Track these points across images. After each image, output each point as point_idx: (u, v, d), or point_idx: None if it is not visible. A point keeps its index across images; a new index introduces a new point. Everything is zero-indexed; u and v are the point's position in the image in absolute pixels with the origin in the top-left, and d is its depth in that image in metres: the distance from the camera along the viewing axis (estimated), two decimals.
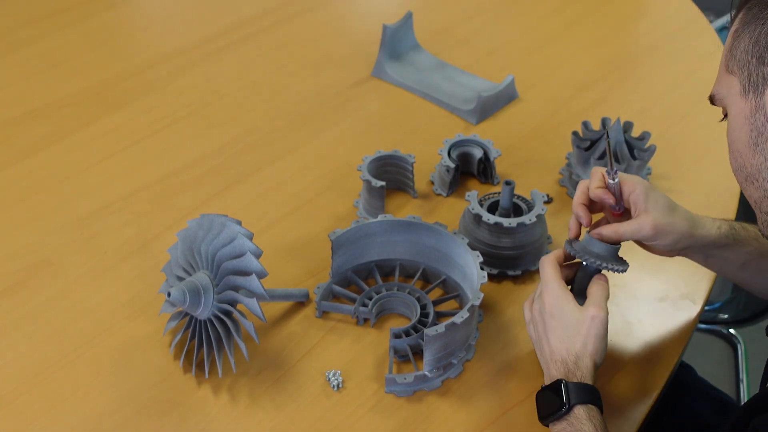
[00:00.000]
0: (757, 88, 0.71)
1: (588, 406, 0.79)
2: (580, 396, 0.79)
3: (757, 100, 0.71)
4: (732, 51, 0.74)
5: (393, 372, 0.91)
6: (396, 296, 0.99)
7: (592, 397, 0.80)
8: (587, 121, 1.17)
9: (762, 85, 0.70)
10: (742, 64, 0.72)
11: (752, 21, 0.71)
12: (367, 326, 0.97)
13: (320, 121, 1.33)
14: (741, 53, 0.72)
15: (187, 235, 0.90)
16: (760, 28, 0.70)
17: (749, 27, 0.71)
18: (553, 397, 0.80)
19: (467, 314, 0.88)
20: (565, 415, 0.78)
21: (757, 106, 0.71)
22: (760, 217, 0.75)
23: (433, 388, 0.90)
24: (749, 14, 0.72)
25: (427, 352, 0.88)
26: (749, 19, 0.72)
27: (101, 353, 0.93)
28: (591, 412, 0.78)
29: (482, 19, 1.64)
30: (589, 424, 0.77)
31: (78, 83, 1.40)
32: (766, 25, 0.70)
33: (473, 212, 1.02)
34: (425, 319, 0.95)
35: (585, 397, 0.79)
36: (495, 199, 1.07)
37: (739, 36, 0.73)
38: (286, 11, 1.63)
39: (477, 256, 0.94)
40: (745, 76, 0.72)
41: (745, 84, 0.72)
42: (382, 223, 1.00)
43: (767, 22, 0.69)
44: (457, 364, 0.92)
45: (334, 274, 1.01)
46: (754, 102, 0.71)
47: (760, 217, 0.75)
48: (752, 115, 0.71)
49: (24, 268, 1.04)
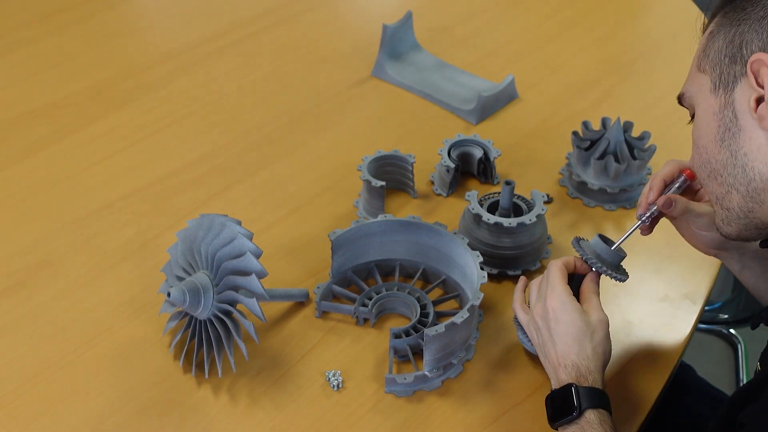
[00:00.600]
0: (728, 85, 0.72)
1: (599, 410, 0.79)
2: (591, 400, 0.79)
3: (726, 97, 0.72)
4: (706, 51, 0.75)
5: (393, 372, 0.91)
6: (396, 296, 0.99)
7: (603, 402, 0.80)
8: (587, 121, 1.17)
9: (732, 83, 0.72)
10: (715, 63, 0.74)
11: (728, 23, 0.73)
12: (367, 326, 0.97)
13: (320, 121, 1.33)
14: (714, 53, 0.74)
15: (187, 235, 0.90)
16: (735, 29, 0.72)
17: (724, 29, 0.73)
18: (564, 401, 0.80)
19: (467, 314, 0.88)
20: (576, 420, 0.79)
21: (726, 102, 0.72)
22: (720, 213, 0.77)
23: (433, 389, 0.90)
24: (725, 18, 0.74)
25: (427, 352, 0.88)
26: (725, 21, 0.74)
27: (101, 353, 0.93)
28: (602, 416, 0.79)
29: (482, 19, 1.64)
30: (600, 428, 0.78)
31: (78, 83, 1.40)
32: (741, 27, 0.71)
33: (473, 212, 1.02)
34: (425, 319, 0.95)
35: (596, 401, 0.79)
36: (495, 199, 1.07)
37: (714, 37, 0.75)
38: (286, 11, 1.63)
39: (477, 256, 0.94)
40: (717, 74, 0.73)
41: (716, 81, 0.73)
42: (381, 223, 1.00)
43: (742, 24, 0.71)
44: (457, 364, 0.92)
45: (334, 274, 1.01)
46: (723, 99, 0.73)
47: (720, 213, 0.77)
48: (720, 111, 0.73)
49: (24, 268, 1.04)
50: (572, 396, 0.80)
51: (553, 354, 0.85)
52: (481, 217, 1.01)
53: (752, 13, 0.71)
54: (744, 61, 0.71)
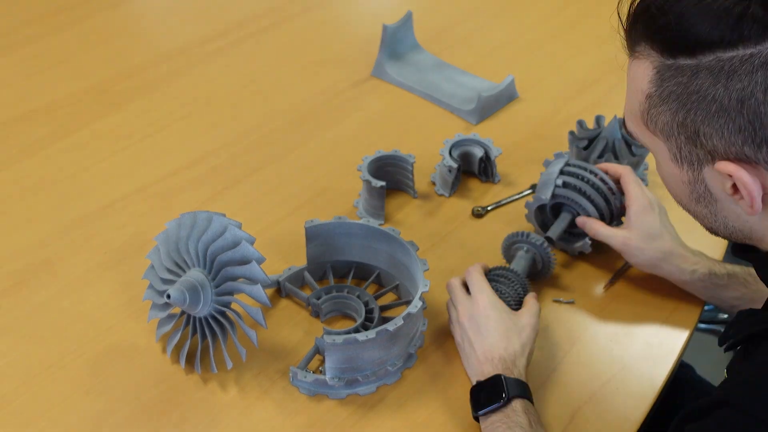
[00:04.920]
0: (692, 164, 0.66)
1: (524, 399, 0.83)
2: (517, 390, 0.83)
3: (694, 174, 0.67)
4: (649, 114, 0.66)
5: (307, 368, 0.90)
6: (346, 298, 0.98)
7: (526, 392, 0.84)
8: (582, 120, 1.18)
9: (697, 163, 0.65)
10: (667, 134, 0.66)
11: (673, 99, 0.63)
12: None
13: (320, 121, 1.33)
14: (663, 124, 0.66)
15: (168, 236, 0.89)
16: (684, 111, 0.63)
17: (668, 104, 0.64)
18: (491, 391, 0.84)
19: (373, 335, 0.85)
20: (502, 408, 0.82)
21: (695, 179, 0.67)
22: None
23: (337, 397, 0.89)
24: (665, 85, 0.64)
25: (327, 358, 0.87)
26: (666, 94, 0.64)
27: (101, 353, 0.93)
28: (526, 405, 0.83)
29: (482, 19, 1.64)
30: (524, 416, 0.81)
31: (78, 83, 1.39)
32: (692, 113, 0.62)
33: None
34: (369, 324, 0.94)
35: (521, 391, 0.83)
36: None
37: (655, 105, 0.65)
38: (286, 11, 1.63)
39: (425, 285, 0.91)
40: (674, 147, 0.66)
41: (675, 154, 0.67)
42: (361, 226, 0.99)
43: (693, 110, 0.62)
44: (393, 372, 0.91)
45: (310, 262, 1.01)
46: (691, 174, 0.67)
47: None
48: (691, 183, 0.68)
49: (24, 268, 1.04)
50: (501, 384, 0.83)
51: (480, 350, 0.88)
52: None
53: (703, 104, 0.61)
54: (706, 150, 0.63)
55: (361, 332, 0.86)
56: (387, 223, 1.12)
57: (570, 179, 1.02)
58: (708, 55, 0.60)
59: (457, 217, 1.13)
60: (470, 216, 1.14)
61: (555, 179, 1.02)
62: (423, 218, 1.13)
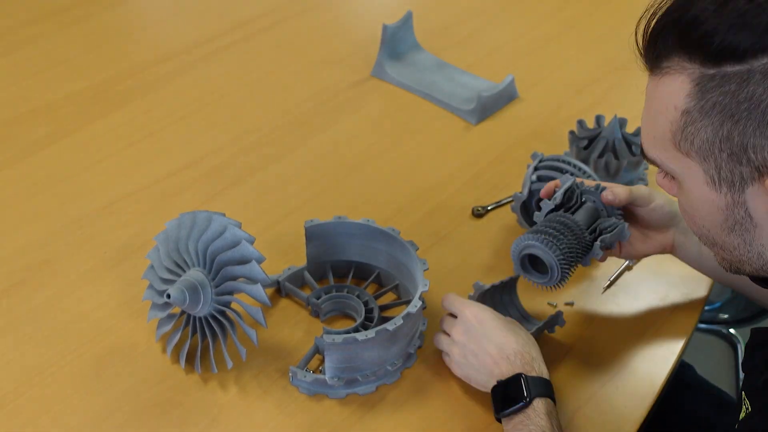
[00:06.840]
0: (734, 184, 0.62)
1: (546, 399, 0.80)
2: (539, 389, 0.80)
3: (735, 197, 0.63)
4: (684, 132, 0.62)
5: (306, 368, 0.90)
6: (346, 298, 0.98)
7: (549, 391, 0.81)
8: (582, 120, 1.18)
9: (740, 183, 0.61)
10: (705, 153, 0.62)
11: (717, 112, 0.59)
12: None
13: (320, 121, 1.33)
14: (702, 142, 0.61)
15: (168, 236, 0.89)
16: (730, 123, 0.59)
17: (710, 118, 0.60)
18: (512, 391, 0.81)
19: (373, 334, 0.85)
20: (524, 408, 0.79)
21: (735, 201, 0.63)
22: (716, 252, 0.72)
23: (336, 397, 0.89)
24: (707, 97, 0.60)
25: (327, 358, 0.87)
26: (708, 107, 0.60)
27: (101, 353, 0.93)
28: (548, 406, 0.79)
29: (482, 19, 1.64)
30: (546, 419, 0.78)
31: (78, 83, 1.39)
32: (739, 124, 0.58)
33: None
34: (369, 324, 0.94)
35: (543, 390, 0.80)
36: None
37: (694, 122, 0.61)
38: (285, 11, 1.63)
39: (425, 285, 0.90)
40: (713, 167, 0.62)
41: (713, 175, 0.63)
42: (361, 226, 0.99)
43: (740, 121, 0.58)
44: (393, 371, 0.90)
45: (309, 262, 1.01)
46: (730, 198, 0.63)
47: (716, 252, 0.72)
48: (728, 208, 0.64)
49: (24, 268, 1.04)
50: (521, 384, 0.80)
51: (491, 353, 0.84)
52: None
53: (755, 112, 0.57)
54: (753, 166, 0.59)
55: (361, 332, 0.86)
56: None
57: (544, 172, 1.03)
58: (761, 58, 0.56)
59: (457, 217, 1.13)
60: (470, 216, 1.14)
61: (530, 176, 1.04)
62: (423, 218, 1.13)
